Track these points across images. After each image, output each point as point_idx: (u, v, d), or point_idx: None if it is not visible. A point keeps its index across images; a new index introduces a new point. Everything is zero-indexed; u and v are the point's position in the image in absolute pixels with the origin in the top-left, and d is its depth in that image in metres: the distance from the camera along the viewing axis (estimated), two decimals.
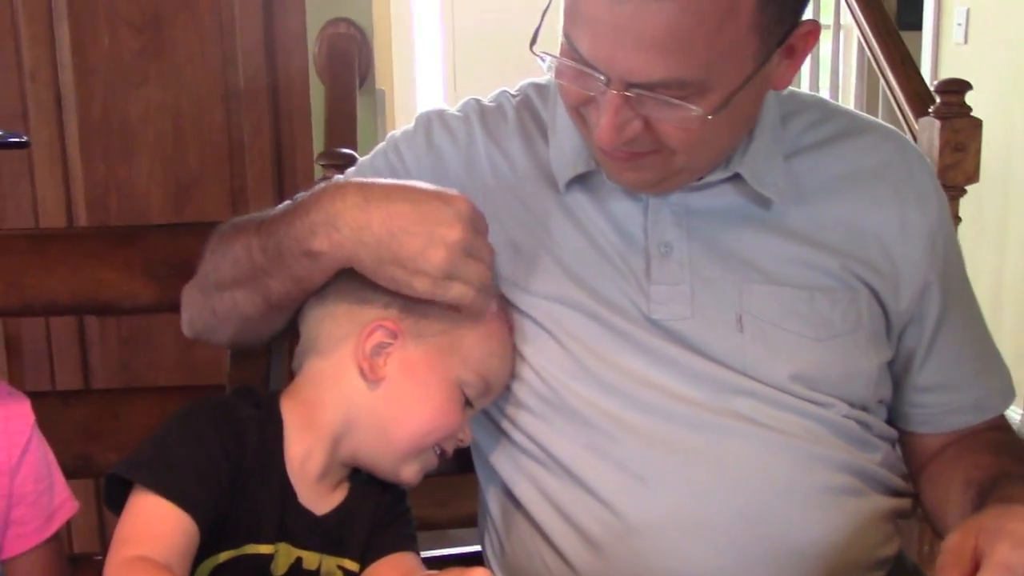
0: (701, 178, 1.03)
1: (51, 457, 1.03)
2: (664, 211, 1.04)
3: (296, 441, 0.95)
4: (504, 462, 1.09)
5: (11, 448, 0.97)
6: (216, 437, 0.91)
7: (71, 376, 2.22)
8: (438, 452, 1.00)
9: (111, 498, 0.90)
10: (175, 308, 1.45)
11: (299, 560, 0.94)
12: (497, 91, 1.17)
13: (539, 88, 1.14)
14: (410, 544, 1.00)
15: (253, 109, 2.21)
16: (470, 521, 1.31)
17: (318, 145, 2.20)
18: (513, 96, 1.16)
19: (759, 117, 1.04)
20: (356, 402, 0.97)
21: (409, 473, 0.99)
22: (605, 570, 0.99)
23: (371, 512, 0.98)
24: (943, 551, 0.83)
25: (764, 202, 1.04)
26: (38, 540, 0.99)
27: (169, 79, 2.20)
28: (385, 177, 1.10)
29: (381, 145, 1.19)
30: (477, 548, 1.19)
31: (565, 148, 1.06)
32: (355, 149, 1.90)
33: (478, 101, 1.16)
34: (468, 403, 1.00)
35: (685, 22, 0.86)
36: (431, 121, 1.15)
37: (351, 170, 1.19)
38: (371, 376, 0.97)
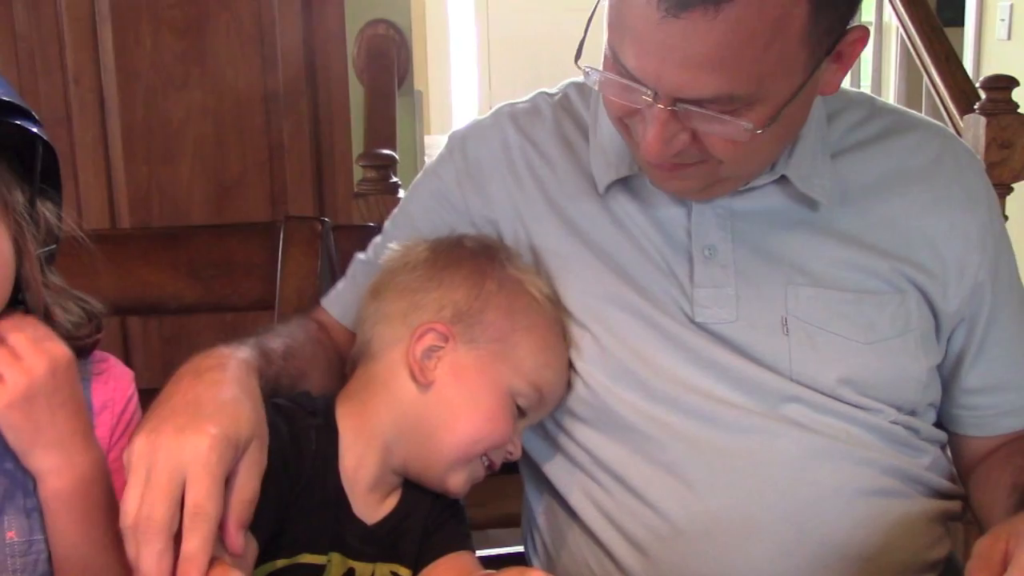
0: (747, 183, 1.02)
1: None
2: (708, 214, 1.03)
3: (350, 450, 0.95)
4: (550, 465, 1.08)
5: (120, 392, 1.03)
6: (277, 449, 0.89)
7: None
8: (486, 463, 0.98)
9: None
10: (219, 308, 1.47)
11: (351, 571, 0.94)
12: (533, 92, 1.17)
13: (580, 87, 1.13)
14: (465, 543, 1.00)
15: (293, 111, 2.23)
16: (510, 521, 1.31)
17: (357, 146, 2.21)
18: (551, 96, 1.15)
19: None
20: (406, 405, 0.97)
21: (456, 482, 0.98)
22: (651, 573, 0.99)
23: (424, 517, 0.98)
24: (974, 554, 0.82)
25: (811, 204, 1.03)
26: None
27: (210, 82, 2.22)
28: (432, 205, 1.13)
29: (419, 177, 1.18)
30: (519, 549, 1.19)
31: (607, 151, 1.06)
32: (394, 150, 1.90)
33: (509, 105, 1.16)
34: (521, 413, 0.99)
35: (735, 40, 0.84)
36: (464, 138, 1.15)
37: (395, 211, 1.19)
38: (421, 379, 0.96)
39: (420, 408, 0.96)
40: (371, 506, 0.96)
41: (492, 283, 1.00)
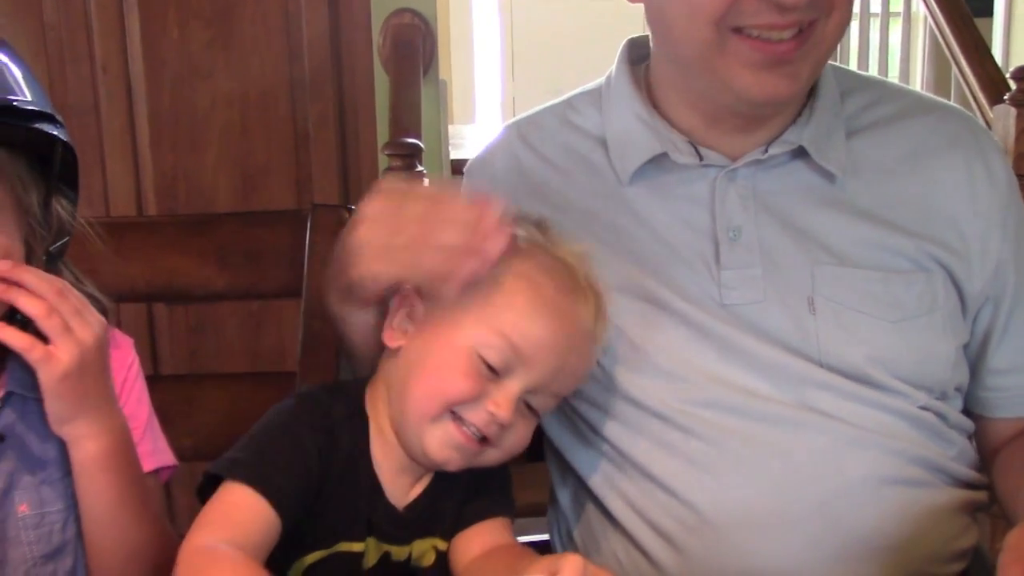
0: (766, 150, 1.03)
1: (148, 402, 1.09)
2: (731, 195, 1.04)
3: (377, 437, 0.96)
4: (575, 456, 1.09)
5: (121, 361, 1.06)
6: (311, 438, 0.91)
7: (140, 364, 2.27)
8: (471, 430, 0.92)
9: (203, 494, 0.91)
10: (246, 295, 1.47)
11: (387, 554, 0.95)
12: (538, 107, 1.18)
13: (588, 94, 1.15)
14: (500, 509, 0.99)
15: (318, 100, 2.23)
16: (535, 511, 1.31)
17: (382, 135, 2.22)
18: (555, 107, 1.16)
19: (818, 88, 1.04)
20: (388, 376, 0.96)
21: (432, 446, 0.92)
22: (680, 564, 0.99)
23: (459, 496, 0.97)
24: (1006, 546, 0.82)
25: (829, 178, 1.04)
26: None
27: (236, 70, 2.23)
28: None
29: None
30: (545, 537, 1.20)
31: (628, 140, 1.07)
32: (419, 139, 1.90)
33: (516, 122, 1.18)
34: (494, 371, 0.91)
35: None
36: (472, 171, 1.18)
37: None
38: (388, 342, 0.95)
39: (393, 373, 0.95)
40: (402, 490, 0.96)
41: None
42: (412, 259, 0.90)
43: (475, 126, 5.16)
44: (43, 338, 0.92)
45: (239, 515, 0.87)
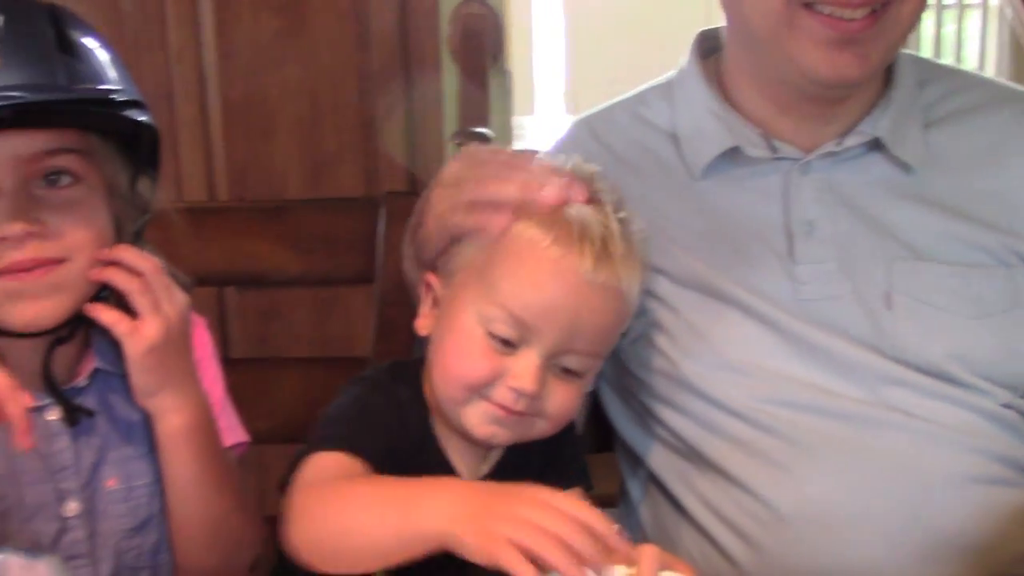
0: (841, 142, 1.01)
1: (222, 379, 1.13)
2: (805, 188, 1.03)
3: (438, 418, 0.97)
4: (645, 451, 1.09)
5: (198, 339, 1.09)
6: (384, 418, 0.92)
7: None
8: (500, 404, 0.91)
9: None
10: (320, 281, 1.50)
11: None
12: (608, 102, 1.18)
13: (660, 88, 1.14)
14: (575, 482, 0.98)
15: (386, 89, 2.25)
16: (603, 502, 1.31)
17: (448, 125, 2.23)
18: (626, 102, 1.15)
19: (895, 78, 1.02)
20: (428, 361, 0.97)
21: (472, 425, 0.92)
22: (755, 560, 0.99)
23: (534, 465, 0.96)
24: None
25: (906, 170, 1.02)
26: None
27: (307, 59, 2.25)
28: None
29: None
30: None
31: (700, 134, 1.06)
32: (487, 128, 1.91)
33: (585, 118, 1.18)
34: (508, 344, 0.90)
35: None
36: None
37: None
38: (418, 331, 0.97)
39: (430, 359, 0.96)
40: (471, 468, 0.97)
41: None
42: (465, 213, 0.91)
43: (535, 117, 5.15)
44: (129, 313, 0.96)
45: (336, 471, 0.86)
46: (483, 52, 2.13)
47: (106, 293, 1.00)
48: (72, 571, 0.89)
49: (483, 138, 1.82)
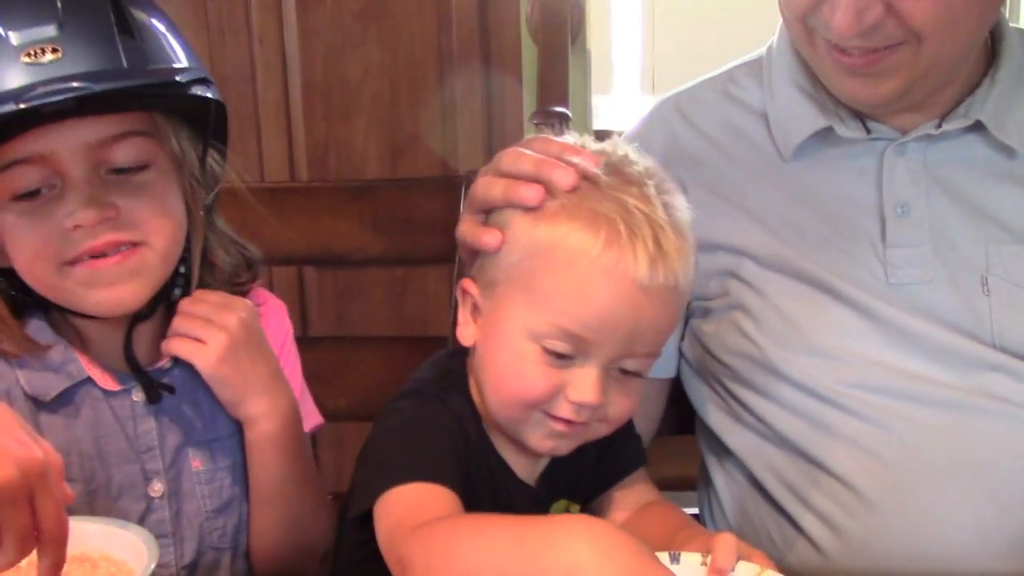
0: (940, 125, 0.98)
1: (300, 366, 1.12)
2: (900, 169, 0.99)
3: (489, 422, 0.91)
4: (728, 434, 1.07)
5: (279, 327, 1.10)
6: (447, 429, 0.86)
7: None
8: (562, 418, 0.85)
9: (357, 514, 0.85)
10: (401, 261, 1.51)
11: None
12: (696, 80, 1.15)
13: (749, 66, 1.11)
14: (635, 461, 0.97)
15: (466, 69, 2.25)
16: (682, 484, 1.30)
17: (528, 105, 2.22)
18: (715, 81, 1.13)
19: (1001, 58, 0.98)
20: (476, 373, 0.90)
21: (535, 441, 0.87)
22: (839, 546, 0.97)
23: (591, 453, 0.92)
24: None
25: (1009, 152, 0.98)
26: None
27: (387, 40, 2.26)
28: None
29: None
30: (694, 511, 1.19)
31: (791, 114, 1.04)
32: (567, 108, 1.90)
33: (672, 96, 1.15)
34: (563, 357, 0.83)
35: None
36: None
37: None
38: (462, 341, 0.89)
39: (478, 372, 0.90)
40: (528, 467, 0.93)
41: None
42: (488, 191, 0.85)
43: (611, 96, 5.10)
44: None
45: (433, 504, 0.80)
46: (563, 31, 2.12)
47: (181, 276, 1.00)
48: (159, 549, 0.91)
49: (563, 117, 1.81)
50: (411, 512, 0.79)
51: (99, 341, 0.98)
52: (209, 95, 0.96)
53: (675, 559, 0.80)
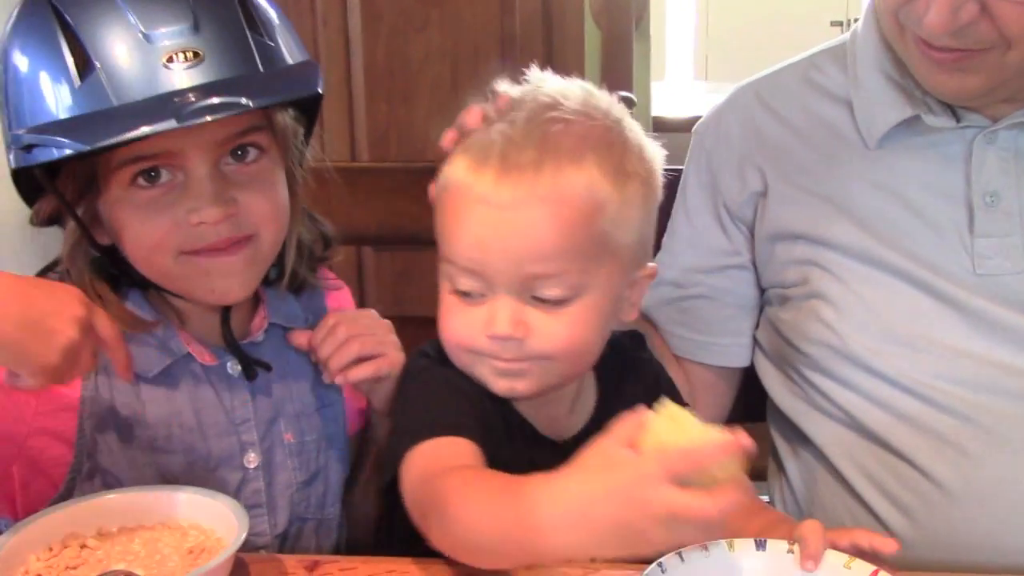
0: None
1: None
2: (990, 157, 0.98)
3: None
4: (805, 421, 1.07)
5: (347, 303, 1.15)
6: (469, 387, 0.90)
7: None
8: (492, 355, 0.88)
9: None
10: None
11: None
12: (778, 65, 1.14)
13: (832, 53, 1.10)
14: None
15: (528, 54, 2.24)
16: (753, 474, 1.30)
17: None
18: (796, 65, 1.12)
19: None
20: None
21: (488, 381, 0.90)
22: (918, 536, 0.97)
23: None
24: None
25: None
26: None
27: (449, 24, 2.26)
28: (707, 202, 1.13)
29: (682, 182, 1.17)
30: (763, 498, 1.19)
31: (877, 101, 1.02)
32: (631, 92, 1.89)
33: (750, 83, 1.14)
34: (469, 294, 0.88)
35: None
36: (702, 132, 1.15)
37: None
38: None
39: None
40: (558, 421, 0.93)
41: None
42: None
43: (664, 83, 5.07)
44: None
45: (454, 453, 0.83)
46: (627, 16, 2.11)
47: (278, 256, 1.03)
48: (253, 519, 0.93)
49: (628, 102, 1.80)
50: (430, 464, 0.82)
51: (195, 318, 1.01)
52: (319, 90, 0.96)
53: (761, 546, 0.81)
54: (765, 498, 1.18)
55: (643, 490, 0.66)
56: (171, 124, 0.83)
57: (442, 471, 0.80)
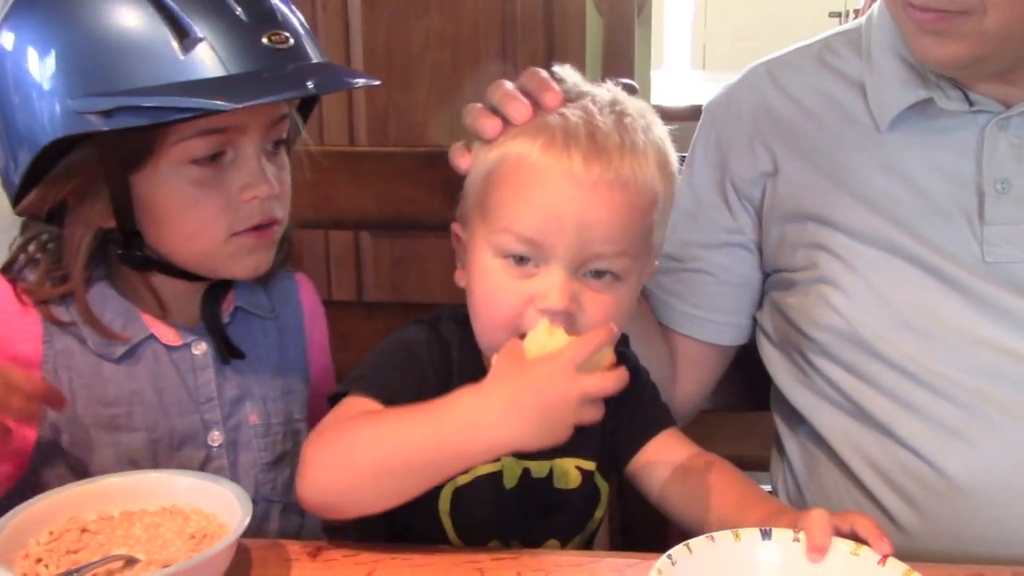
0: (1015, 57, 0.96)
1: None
2: (1001, 144, 0.97)
3: (489, 360, 0.90)
4: (809, 408, 1.06)
5: (316, 299, 1.16)
6: (427, 351, 0.93)
7: (346, 292, 2.36)
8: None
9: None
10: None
11: (527, 471, 0.94)
12: (793, 46, 1.14)
13: (847, 36, 1.10)
14: (666, 421, 0.98)
15: (529, 39, 2.23)
16: (755, 464, 1.30)
17: (592, 76, 2.20)
18: (810, 47, 1.11)
19: None
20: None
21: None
22: (921, 525, 0.96)
23: (610, 410, 0.89)
24: None
25: None
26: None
27: (449, 8, 2.25)
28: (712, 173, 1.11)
29: (689, 157, 1.16)
30: (767, 488, 1.18)
31: (890, 84, 1.02)
32: (632, 79, 1.88)
33: (764, 62, 1.14)
34: (523, 260, 0.87)
35: None
36: (713, 109, 1.14)
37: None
38: (458, 282, 0.95)
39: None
40: None
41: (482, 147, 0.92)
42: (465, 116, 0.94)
43: (662, 71, 5.06)
44: None
45: (350, 412, 0.87)
46: (630, 3, 2.10)
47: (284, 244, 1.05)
48: None
49: (630, 89, 1.79)
50: (348, 410, 0.87)
51: (174, 299, 1.01)
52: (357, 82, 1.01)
53: (767, 535, 0.80)
54: (767, 487, 1.18)
55: (560, 380, 0.78)
56: (304, 91, 0.91)
57: (356, 414, 0.86)
